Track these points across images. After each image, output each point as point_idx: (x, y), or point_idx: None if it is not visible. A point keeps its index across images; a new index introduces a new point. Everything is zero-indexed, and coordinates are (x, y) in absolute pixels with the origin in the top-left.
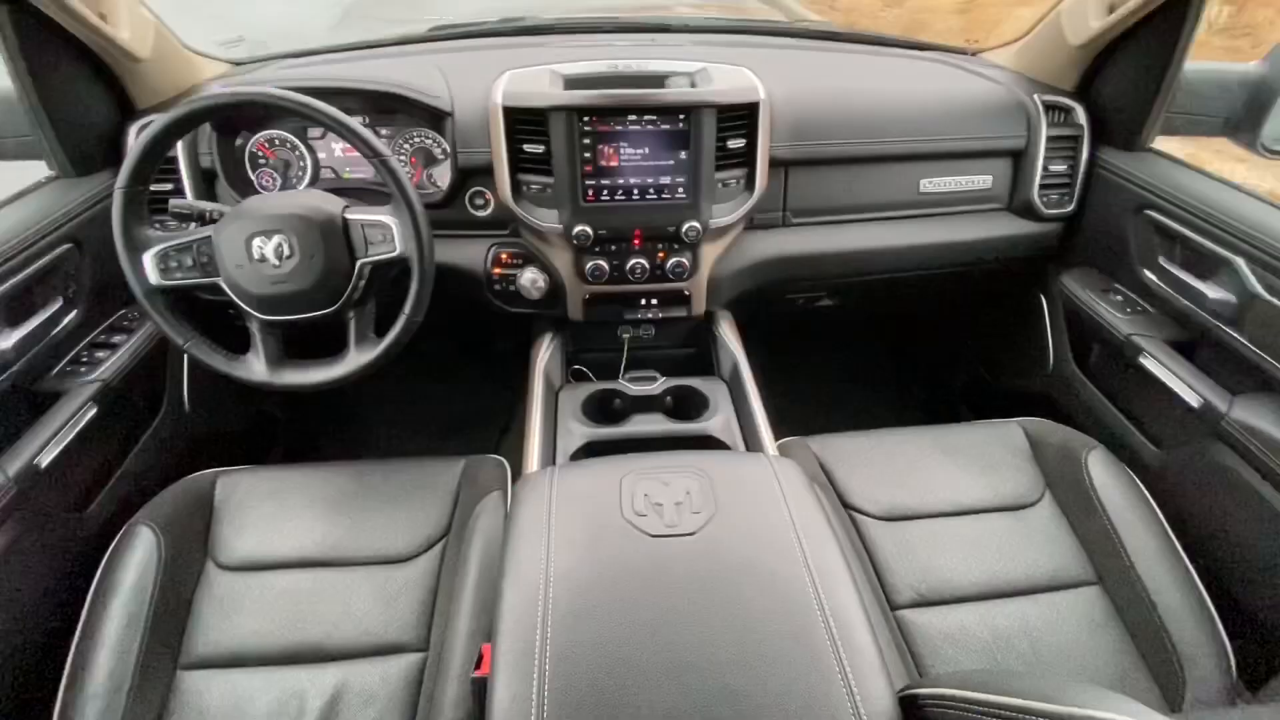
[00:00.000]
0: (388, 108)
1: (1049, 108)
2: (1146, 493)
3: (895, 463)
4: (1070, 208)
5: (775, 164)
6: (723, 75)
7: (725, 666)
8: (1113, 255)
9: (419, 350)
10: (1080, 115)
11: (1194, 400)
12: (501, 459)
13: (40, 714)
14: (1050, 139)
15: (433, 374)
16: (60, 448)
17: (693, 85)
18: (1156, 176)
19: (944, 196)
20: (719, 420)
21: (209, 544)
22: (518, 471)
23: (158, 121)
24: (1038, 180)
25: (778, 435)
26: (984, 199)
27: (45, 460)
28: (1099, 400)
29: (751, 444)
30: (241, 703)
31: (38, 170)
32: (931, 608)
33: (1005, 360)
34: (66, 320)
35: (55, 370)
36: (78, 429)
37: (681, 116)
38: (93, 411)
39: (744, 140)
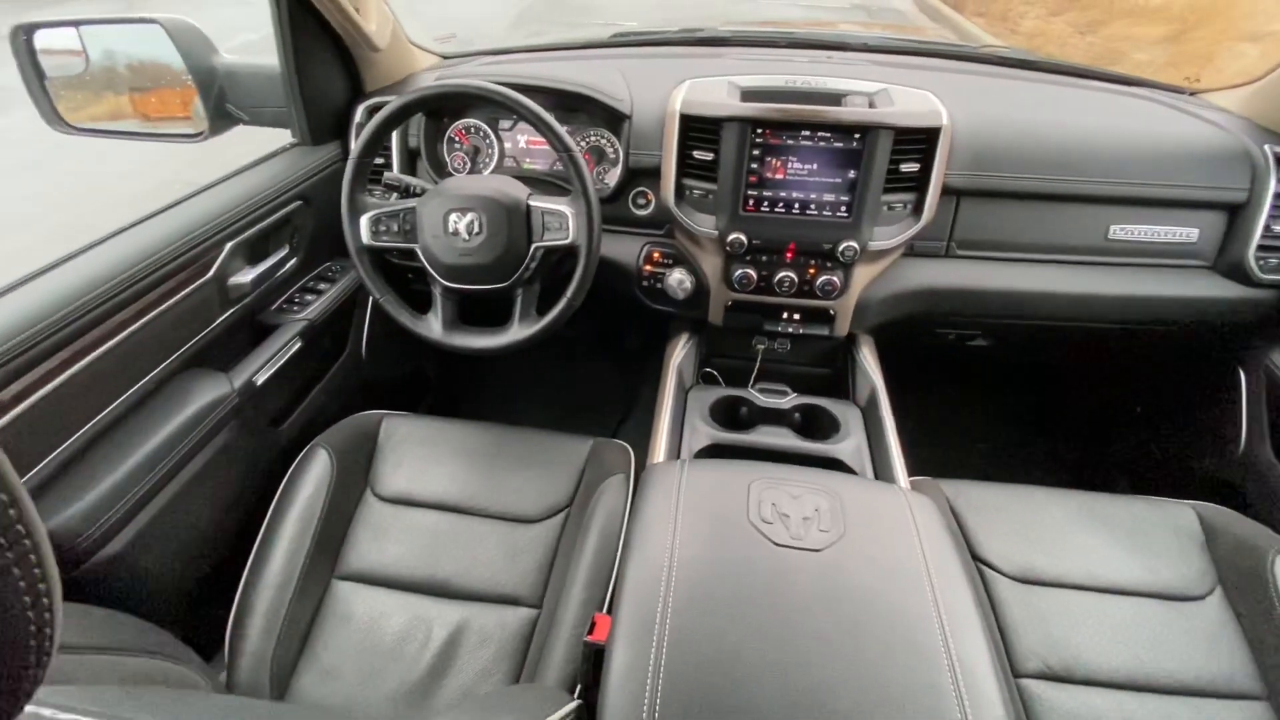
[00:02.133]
0: (572, 106)
1: None
2: None
3: (1037, 522)
4: None
5: (947, 192)
6: (904, 97)
7: (838, 686)
8: None
9: (561, 333)
10: None
11: None
12: (626, 445)
13: (228, 589)
14: (1279, 195)
15: (566, 356)
16: (272, 371)
17: (871, 105)
18: None
19: (1136, 246)
20: (850, 445)
21: (370, 474)
22: (640, 460)
23: (395, 102)
24: (1256, 240)
25: (908, 472)
26: (1185, 253)
27: (260, 379)
28: None
29: (882, 475)
30: (380, 618)
31: (283, 136)
32: (1060, 684)
33: (1181, 434)
34: (289, 265)
35: (274, 305)
36: (286, 358)
37: (856, 136)
38: (298, 345)
39: (918, 165)
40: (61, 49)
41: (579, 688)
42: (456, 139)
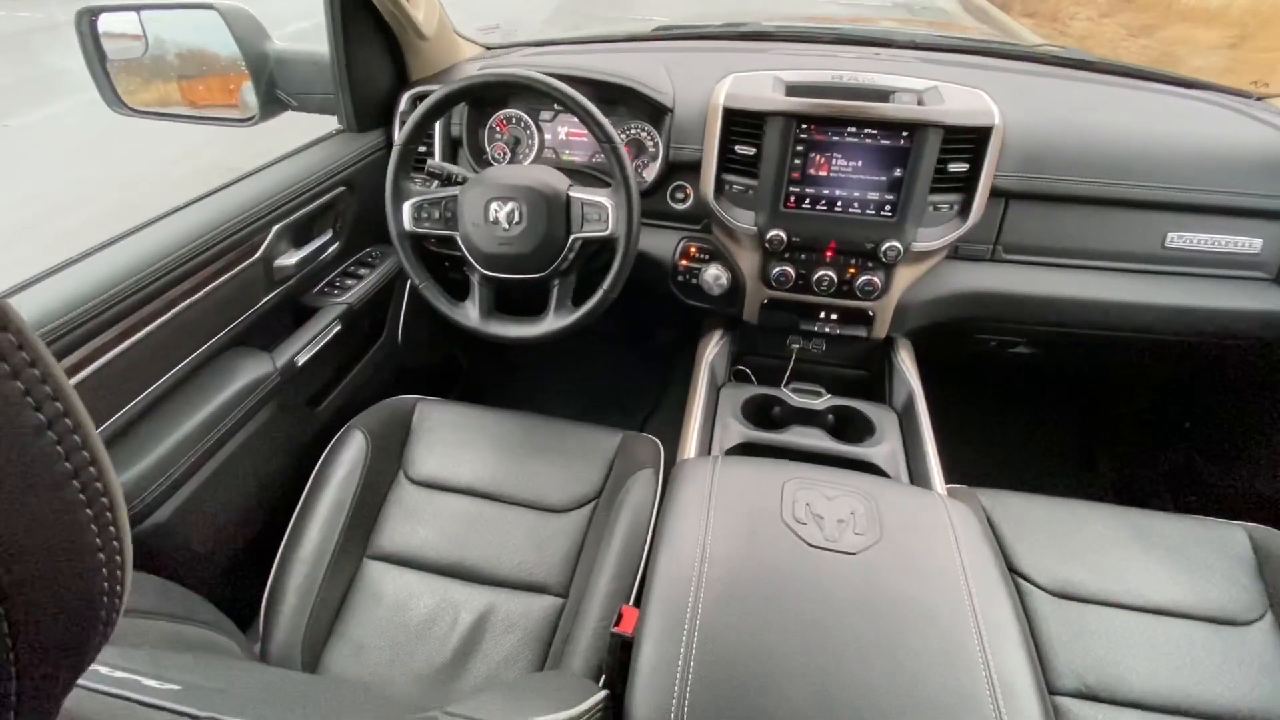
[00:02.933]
0: (613, 99)
1: None
2: None
3: (1078, 537)
4: None
5: (996, 194)
6: (955, 95)
7: (872, 694)
8: None
9: (593, 325)
10: None
11: None
12: (656, 440)
13: (264, 562)
14: None
15: (595, 348)
16: (312, 353)
17: (919, 103)
18: None
19: (1194, 255)
20: (885, 449)
21: (403, 457)
22: (669, 455)
23: (441, 90)
24: None
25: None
26: (1247, 264)
27: (301, 360)
28: None
29: (918, 481)
30: (409, 599)
31: (329, 122)
32: (1099, 704)
33: (1234, 453)
34: (331, 249)
35: (316, 289)
36: (325, 340)
37: (904, 134)
38: (337, 328)
39: (967, 165)
40: (122, 33)
41: (603, 678)
42: (497, 129)
